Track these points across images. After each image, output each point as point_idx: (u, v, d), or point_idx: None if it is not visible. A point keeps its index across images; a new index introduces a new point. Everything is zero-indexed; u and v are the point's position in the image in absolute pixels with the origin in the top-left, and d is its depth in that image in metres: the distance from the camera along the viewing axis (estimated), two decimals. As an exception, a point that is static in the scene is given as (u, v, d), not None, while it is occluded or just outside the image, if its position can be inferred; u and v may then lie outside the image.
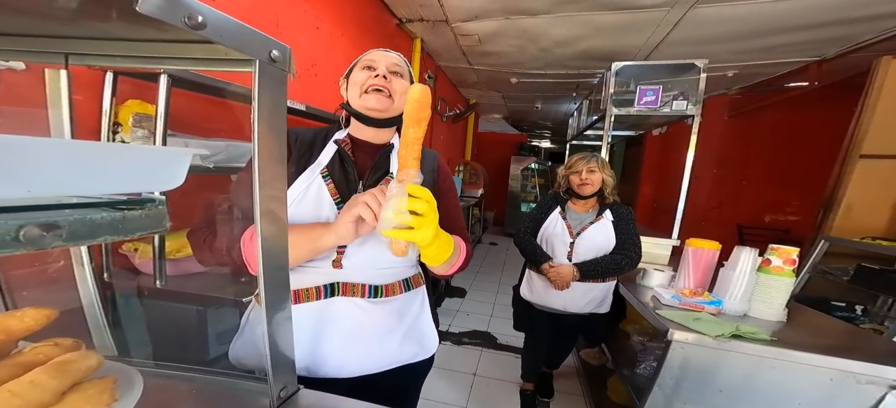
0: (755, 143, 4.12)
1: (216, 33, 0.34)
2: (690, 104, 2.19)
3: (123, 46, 0.41)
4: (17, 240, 0.26)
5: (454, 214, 0.82)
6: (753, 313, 1.27)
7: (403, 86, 0.75)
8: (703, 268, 1.41)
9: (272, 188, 0.46)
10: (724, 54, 2.94)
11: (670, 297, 1.31)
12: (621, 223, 1.56)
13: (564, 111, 5.64)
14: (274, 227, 0.47)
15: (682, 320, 1.14)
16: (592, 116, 2.93)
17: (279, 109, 0.46)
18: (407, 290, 0.77)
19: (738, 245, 1.32)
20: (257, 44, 0.39)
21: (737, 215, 4.12)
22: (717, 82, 3.66)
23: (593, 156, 1.61)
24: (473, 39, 3.05)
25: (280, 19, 1.66)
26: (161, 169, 0.36)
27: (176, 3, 0.30)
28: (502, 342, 2.52)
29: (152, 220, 0.34)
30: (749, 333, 1.06)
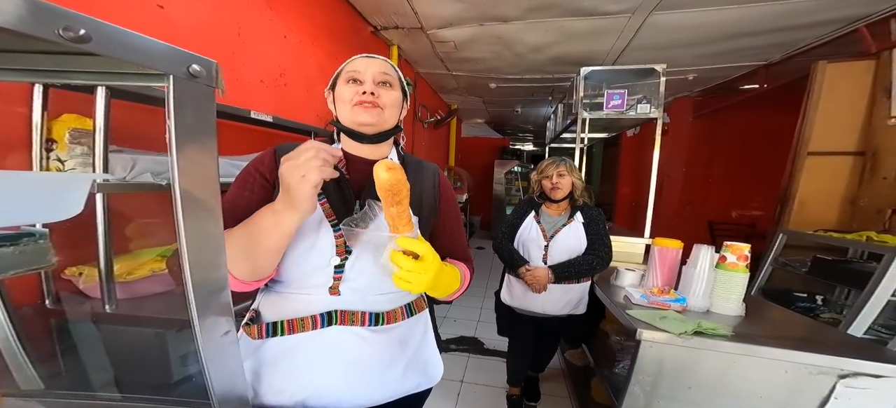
0: (718, 142, 4.34)
1: (107, 47, 0.30)
2: (653, 107, 2.29)
3: (24, 59, 0.37)
4: None
5: (455, 232, 0.79)
6: (715, 309, 1.31)
7: (393, 97, 0.70)
8: (668, 266, 1.45)
9: (197, 213, 0.42)
10: (684, 58, 3.10)
11: (639, 296, 1.34)
12: (592, 224, 1.59)
13: (543, 115, 5.76)
14: (203, 249, 0.44)
15: (649, 319, 1.16)
16: (567, 120, 3.00)
17: (206, 125, 0.43)
18: (409, 315, 0.72)
19: (698, 243, 1.36)
20: (168, 59, 0.36)
21: (707, 212, 4.31)
22: (679, 85, 3.84)
23: (562, 160, 1.64)
24: (450, 46, 3.07)
25: (242, 28, 1.60)
26: (52, 197, 0.32)
27: (44, 14, 0.26)
28: (489, 347, 2.51)
29: (29, 256, 0.30)
30: (709, 329, 1.09)
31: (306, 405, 0.63)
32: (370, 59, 0.70)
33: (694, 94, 4.30)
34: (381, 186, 0.54)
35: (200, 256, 0.42)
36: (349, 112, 0.68)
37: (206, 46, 1.45)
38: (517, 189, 6.73)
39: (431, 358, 0.77)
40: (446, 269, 0.64)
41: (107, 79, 0.38)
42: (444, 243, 0.76)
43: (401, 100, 0.74)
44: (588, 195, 1.69)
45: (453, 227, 0.79)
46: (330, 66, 2.24)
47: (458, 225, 0.80)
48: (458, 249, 0.78)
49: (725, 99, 3.89)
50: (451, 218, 0.79)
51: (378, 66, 0.70)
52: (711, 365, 1.08)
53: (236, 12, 1.57)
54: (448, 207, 0.78)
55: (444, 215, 0.77)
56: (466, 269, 0.75)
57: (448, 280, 0.64)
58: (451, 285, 0.66)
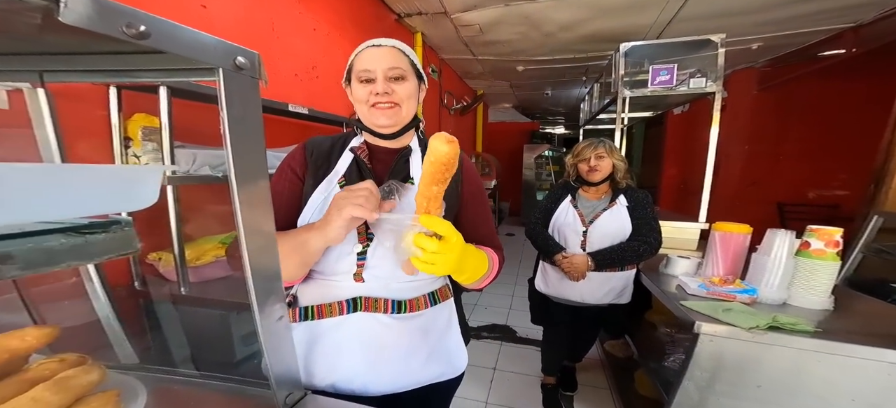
0: (791, 115, 3.82)
1: (165, 43, 0.32)
2: (710, 81, 2.06)
3: (91, 60, 0.41)
4: None
5: (483, 219, 0.76)
6: (794, 302, 1.15)
7: (408, 89, 0.68)
8: (732, 254, 1.31)
9: (253, 198, 0.44)
10: (746, 27, 2.74)
11: (697, 286, 1.22)
12: (638, 208, 1.48)
13: (576, 96, 5.47)
14: (260, 238, 0.46)
15: (710, 311, 1.06)
16: (604, 100, 2.81)
17: (253, 116, 0.44)
18: (433, 304, 0.71)
19: (772, 228, 1.20)
20: (218, 52, 0.37)
21: (776, 193, 3.85)
22: (740, 56, 3.42)
23: (601, 141, 1.53)
24: (474, 29, 2.98)
25: (275, 23, 1.67)
26: (130, 189, 0.35)
27: (110, 13, 0.27)
28: (522, 336, 2.47)
29: (118, 242, 0.33)
30: (788, 324, 0.97)
31: (336, 387, 0.65)
32: (378, 51, 0.67)
33: (760, 65, 3.82)
34: (439, 159, 0.51)
35: (256, 241, 0.45)
36: (367, 113, 0.68)
37: (244, 41, 1.53)
38: (548, 174, 6.50)
39: (455, 348, 0.74)
40: (472, 251, 0.61)
41: (165, 75, 0.41)
42: (469, 232, 0.73)
43: (417, 87, 0.71)
44: (631, 176, 1.57)
45: (479, 213, 0.75)
46: None
47: (485, 212, 0.77)
48: (485, 237, 0.75)
49: (799, 67, 3.40)
50: (477, 204, 0.75)
51: (387, 59, 0.66)
52: (787, 362, 0.97)
53: (269, 8, 1.63)
54: (473, 194, 0.75)
55: (469, 202, 0.74)
56: (495, 256, 0.72)
57: (474, 263, 0.61)
58: (479, 270, 0.63)
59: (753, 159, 4.11)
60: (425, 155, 0.53)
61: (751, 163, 4.13)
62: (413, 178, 0.70)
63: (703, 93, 2.12)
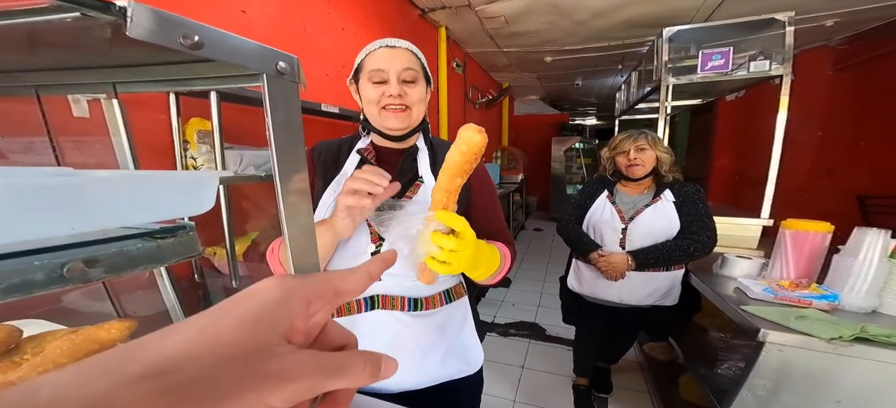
0: (875, 97, 3.32)
1: (215, 51, 0.33)
2: (776, 63, 1.84)
3: (154, 71, 0.44)
4: (63, 277, 0.28)
5: (492, 213, 0.75)
6: (886, 310, 1.01)
7: (419, 93, 0.69)
8: (807, 254, 1.16)
9: (296, 195, 0.46)
10: (817, 3, 2.43)
11: (761, 289, 1.10)
12: (687, 203, 1.35)
13: (610, 85, 5.17)
14: (302, 237, 0.47)
15: (779, 318, 0.95)
16: (644, 88, 2.62)
17: (294, 119, 0.45)
18: (448, 302, 0.72)
19: (860, 226, 1.05)
20: (261, 58, 0.39)
21: (855, 184, 3.38)
22: (810, 34, 3.04)
23: (642, 132, 1.42)
24: (500, 21, 2.90)
25: (307, 25, 1.72)
26: (191, 194, 0.37)
27: (169, 25, 0.29)
28: (552, 334, 2.40)
29: (185, 246, 0.35)
30: (881, 335, 0.84)
31: None
32: (392, 52, 0.66)
33: (835, 43, 3.37)
34: (471, 149, 0.49)
35: (298, 236, 0.46)
36: (377, 115, 0.68)
37: (280, 44, 1.59)
38: (579, 167, 6.26)
39: (471, 345, 0.75)
40: (484, 247, 0.60)
41: (216, 82, 0.43)
42: (480, 226, 0.72)
43: (425, 91, 0.72)
44: (678, 169, 1.44)
45: (488, 207, 0.75)
46: None
47: (495, 206, 0.76)
48: (495, 231, 0.74)
49: (885, 44, 2.94)
50: (485, 197, 0.74)
51: (402, 61, 0.66)
52: (875, 377, 0.85)
53: (301, 10, 1.69)
54: (483, 187, 0.74)
55: (478, 196, 0.73)
56: (507, 250, 0.70)
57: (487, 259, 0.60)
58: (491, 265, 0.61)
59: (827, 146, 3.63)
60: (454, 145, 0.51)
61: (824, 150, 3.65)
62: (422, 177, 0.71)
63: (766, 76, 1.89)
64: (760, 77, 1.92)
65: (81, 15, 0.28)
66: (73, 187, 0.29)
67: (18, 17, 0.28)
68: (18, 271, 0.29)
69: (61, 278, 0.29)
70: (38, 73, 0.51)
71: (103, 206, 0.31)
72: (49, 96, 0.58)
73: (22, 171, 0.43)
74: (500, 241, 0.72)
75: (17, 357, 0.40)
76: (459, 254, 0.51)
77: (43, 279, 0.30)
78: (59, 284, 0.29)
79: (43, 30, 0.32)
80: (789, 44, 1.81)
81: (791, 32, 1.81)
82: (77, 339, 0.42)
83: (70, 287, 0.30)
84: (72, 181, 0.29)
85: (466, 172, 0.51)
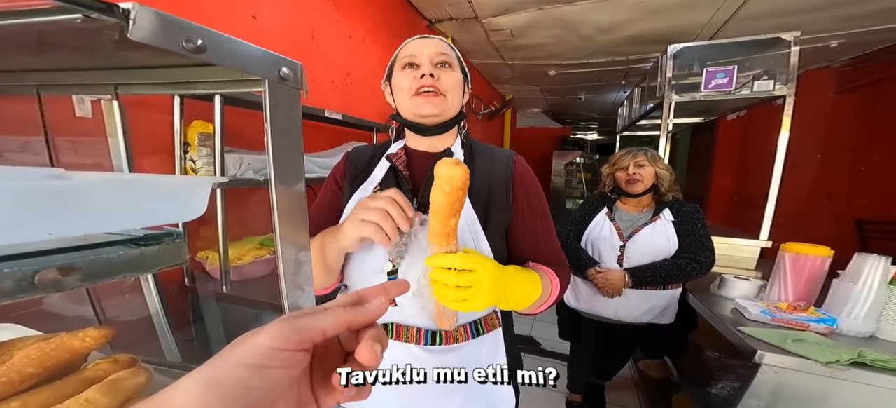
0: (879, 120, 3.33)
1: (218, 56, 0.33)
2: (780, 83, 1.85)
3: (158, 73, 0.44)
4: (33, 285, 0.27)
5: (538, 232, 0.65)
6: (884, 335, 1.00)
7: (454, 79, 0.63)
8: (806, 278, 1.16)
9: (291, 203, 0.45)
10: (821, 24, 2.44)
11: (759, 311, 1.10)
12: (686, 223, 1.36)
13: (612, 101, 5.21)
14: (294, 248, 0.47)
15: (776, 340, 0.94)
16: (647, 105, 2.63)
17: (294, 125, 0.45)
18: (475, 336, 0.61)
19: (859, 252, 1.05)
20: (264, 63, 0.39)
21: (855, 209, 3.38)
22: (814, 55, 3.05)
23: (641, 149, 1.43)
24: (505, 34, 2.93)
25: (315, 31, 1.74)
26: (182, 200, 0.37)
27: (172, 29, 0.29)
28: (547, 348, 2.39)
29: (170, 254, 0.35)
30: (878, 360, 0.84)
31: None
32: (424, 40, 0.64)
33: (839, 65, 3.38)
34: (454, 185, 0.45)
35: (290, 245, 0.45)
36: (408, 103, 0.62)
37: (289, 51, 1.59)
38: (579, 181, 6.25)
39: (500, 391, 0.63)
40: (515, 274, 0.54)
41: (219, 87, 0.43)
42: (523, 246, 0.65)
43: (462, 81, 0.66)
44: (678, 188, 1.45)
45: (535, 225, 0.65)
46: (389, 61, 2.33)
47: (543, 223, 0.66)
48: (543, 253, 0.65)
49: (890, 67, 2.96)
50: (533, 215, 0.65)
51: (434, 45, 0.63)
52: (870, 402, 0.85)
53: (310, 16, 1.71)
54: (528, 203, 0.65)
55: (522, 213, 0.64)
56: (554, 275, 0.62)
57: (523, 287, 0.54)
58: (530, 294, 0.55)
59: (828, 170, 3.63)
60: (434, 186, 0.47)
61: (824, 174, 3.65)
62: None
63: (770, 96, 1.90)
64: (764, 97, 1.93)
65: (83, 17, 0.28)
66: (57, 191, 0.28)
67: (21, 17, 0.28)
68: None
69: (32, 287, 0.28)
70: (40, 73, 0.51)
71: (87, 211, 0.30)
72: (51, 96, 0.58)
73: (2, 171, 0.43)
74: (549, 265, 0.64)
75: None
76: (475, 290, 0.47)
77: (12, 287, 0.28)
78: (29, 293, 0.28)
79: (46, 31, 0.32)
80: (794, 64, 1.82)
81: (796, 53, 1.81)
82: (47, 347, 0.39)
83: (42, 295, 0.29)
84: (55, 185, 0.28)
85: (458, 209, 0.47)
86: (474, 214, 0.61)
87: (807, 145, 3.63)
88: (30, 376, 0.36)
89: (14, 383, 0.35)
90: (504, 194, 0.63)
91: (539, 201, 0.66)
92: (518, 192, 0.64)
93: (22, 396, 0.35)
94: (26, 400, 0.35)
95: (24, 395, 0.35)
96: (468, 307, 0.48)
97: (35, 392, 0.36)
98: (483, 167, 0.65)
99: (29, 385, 0.36)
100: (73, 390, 0.38)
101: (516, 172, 0.65)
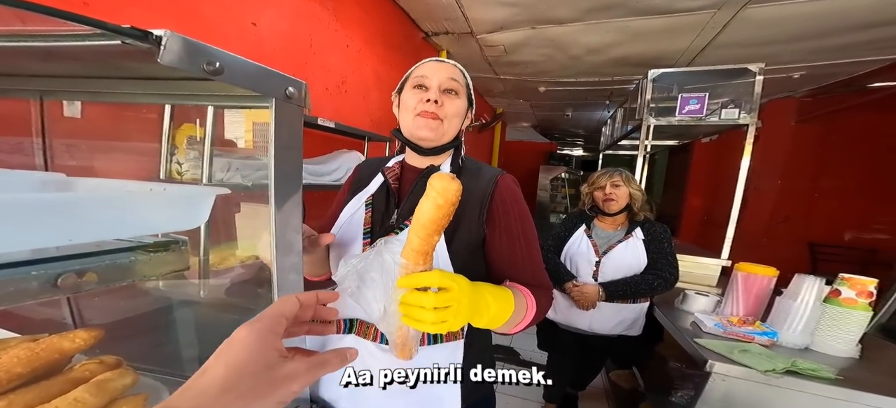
0: (832, 150, 3.62)
1: (233, 77, 0.37)
2: (744, 112, 2.00)
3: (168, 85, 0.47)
4: (56, 287, 0.30)
5: (516, 253, 0.64)
6: (817, 347, 1.12)
7: (457, 107, 0.67)
8: (755, 295, 1.27)
9: (287, 215, 0.49)
10: (787, 55, 2.64)
11: (713, 324, 1.20)
12: (654, 242, 1.47)
13: (598, 119, 5.40)
14: (289, 254, 0.50)
15: (725, 350, 1.04)
16: (628, 125, 2.76)
17: (295, 141, 0.50)
18: (431, 343, 0.62)
19: (800, 273, 1.17)
20: (273, 83, 0.43)
21: (808, 232, 3.64)
22: (778, 85, 3.28)
23: (617, 170, 1.54)
24: (499, 50, 3.03)
25: (313, 40, 1.77)
26: (187, 210, 0.40)
27: (196, 53, 0.33)
28: (525, 359, 2.45)
29: (176, 260, 0.38)
30: (808, 369, 0.94)
31: (326, 404, 0.64)
32: (439, 64, 0.68)
33: (799, 95, 3.65)
34: (448, 199, 0.44)
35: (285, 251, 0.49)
36: (411, 122, 0.66)
37: (286, 58, 1.63)
38: (563, 196, 6.37)
39: (446, 396, 0.62)
40: (484, 292, 0.52)
41: (226, 101, 0.47)
42: (500, 266, 0.65)
43: (465, 108, 0.70)
44: (650, 208, 1.56)
45: (513, 245, 0.64)
46: (384, 71, 2.36)
47: (523, 243, 0.65)
48: (521, 273, 0.64)
49: (845, 99, 3.22)
50: (511, 235, 0.64)
51: (446, 71, 0.67)
52: (806, 407, 0.94)
53: (309, 25, 1.74)
54: (507, 222, 0.64)
55: (498, 232, 0.64)
56: (530, 295, 0.60)
57: (493, 305, 0.53)
58: (503, 311, 0.54)
59: (786, 195, 3.91)
60: (425, 197, 0.46)
61: (783, 199, 3.93)
62: None
63: (735, 125, 2.04)
64: (730, 125, 2.07)
65: (121, 43, 0.32)
66: (74, 202, 0.32)
67: (67, 40, 0.31)
68: (14, 281, 0.30)
69: (54, 288, 0.31)
70: (48, 79, 0.53)
71: (101, 219, 0.34)
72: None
73: (19, 178, 0.45)
74: (529, 285, 0.63)
75: (-33, 365, 0.36)
76: (454, 308, 0.45)
77: (36, 289, 0.31)
78: (51, 294, 0.31)
79: (76, 50, 0.35)
80: (757, 93, 1.94)
81: (760, 82, 1.93)
82: (37, 348, 0.39)
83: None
84: (71, 197, 0.31)
85: (443, 226, 0.46)
86: None
87: (769, 171, 3.89)
88: (18, 376, 0.36)
89: (2, 383, 0.35)
90: (477, 212, 0.63)
91: (520, 222, 0.66)
92: (495, 211, 0.64)
93: (8, 395, 0.36)
94: (13, 400, 0.35)
95: (10, 394, 0.36)
96: (446, 329, 0.46)
97: (21, 392, 0.36)
98: (464, 184, 0.67)
99: (16, 385, 0.36)
100: (59, 390, 0.38)
101: (496, 191, 0.65)
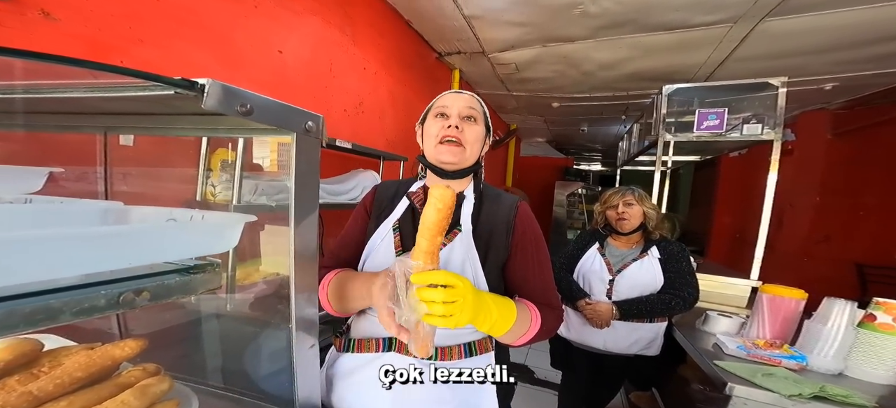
0: (876, 164, 3.35)
1: (261, 116, 0.44)
2: (767, 127, 1.93)
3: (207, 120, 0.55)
4: (118, 303, 0.37)
5: (530, 272, 0.71)
6: (851, 373, 1.05)
7: (476, 133, 0.73)
8: (782, 318, 1.21)
9: (305, 239, 0.54)
10: (815, 66, 2.52)
11: (736, 346, 1.15)
12: (671, 261, 1.43)
13: (614, 134, 5.29)
14: (306, 275, 0.55)
15: (747, 374, 0.99)
16: (645, 141, 2.71)
17: (312, 172, 0.55)
18: (468, 355, 0.67)
19: (829, 297, 1.11)
20: (295, 118, 0.49)
21: (853, 252, 3.36)
22: (809, 97, 3.11)
23: (630, 188, 1.53)
24: (511, 68, 3.08)
25: (333, 64, 1.88)
26: (220, 235, 0.47)
27: (231, 97, 0.40)
28: (540, 377, 2.40)
29: (212, 280, 0.45)
30: (839, 395, 0.89)
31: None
32: (458, 95, 0.75)
33: (834, 107, 3.44)
34: (446, 203, 0.53)
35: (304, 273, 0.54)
36: (433, 149, 0.72)
37: (308, 82, 1.75)
38: (581, 212, 6.20)
39: (487, 406, 0.68)
40: (490, 300, 0.59)
41: (255, 133, 0.53)
42: (513, 283, 0.72)
43: (483, 135, 0.76)
44: (672, 225, 1.52)
45: (525, 264, 0.71)
46: (399, 91, 2.46)
47: (534, 263, 0.72)
48: (530, 290, 0.71)
49: (886, 111, 3.01)
50: (525, 255, 0.71)
51: (464, 101, 0.74)
52: None
53: (329, 50, 1.86)
54: (523, 244, 0.71)
55: (518, 254, 0.71)
56: (535, 309, 0.66)
57: (495, 309, 0.59)
58: (505, 317, 0.60)
59: (826, 212, 3.64)
60: (427, 205, 0.54)
61: (822, 216, 3.66)
62: (461, 225, 0.71)
63: (757, 140, 1.96)
64: (752, 141, 2.00)
65: (174, 93, 0.39)
66: (131, 232, 0.40)
67: (131, 90, 0.39)
68: (88, 298, 0.37)
69: (117, 305, 0.38)
70: (112, 117, 0.63)
71: (153, 246, 0.42)
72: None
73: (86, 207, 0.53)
74: (537, 302, 0.69)
75: (35, 369, 0.43)
76: (460, 303, 0.52)
77: (104, 305, 0.38)
78: (115, 309, 0.39)
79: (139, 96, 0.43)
80: (780, 107, 1.87)
81: (783, 96, 1.87)
82: (94, 355, 0.45)
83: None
84: (130, 228, 0.38)
85: (444, 228, 0.54)
86: (476, 251, 0.69)
87: (805, 187, 3.66)
88: (77, 380, 0.42)
89: (65, 385, 0.41)
90: (504, 235, 0.71)
91: (533, 243, 0.73)
92: (516, 234, 0.71)
93: (69, 396, 0.41)
94: (72, 400, 0.41)
95: (71, 395, 0.41)
96: (453, 323, 0.52)
97: (80, 393, 0.42)
98: (489, 210, 0.74)
99: (75, 388, 0.42)
100: (109, 393, 0.44)
101: (518, 217, 0.73)
